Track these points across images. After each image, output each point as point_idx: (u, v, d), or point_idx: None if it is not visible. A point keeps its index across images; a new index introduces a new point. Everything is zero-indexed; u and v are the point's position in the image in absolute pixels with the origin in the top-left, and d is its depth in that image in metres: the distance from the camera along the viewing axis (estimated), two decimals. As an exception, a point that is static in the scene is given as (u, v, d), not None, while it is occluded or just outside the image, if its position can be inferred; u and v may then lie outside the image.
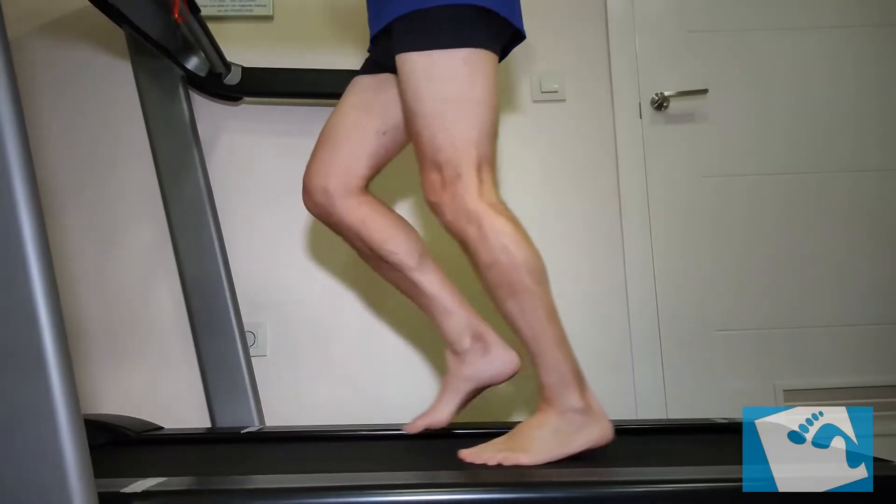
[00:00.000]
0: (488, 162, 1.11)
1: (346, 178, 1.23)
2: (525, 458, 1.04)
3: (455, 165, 1.07)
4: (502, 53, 1.24)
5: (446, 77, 1.07)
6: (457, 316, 1.21)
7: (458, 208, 1.07)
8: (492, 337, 1.21)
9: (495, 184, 1.12)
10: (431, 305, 1.23)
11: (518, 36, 1.22)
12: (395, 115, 1.24)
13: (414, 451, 1.24)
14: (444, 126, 1.07)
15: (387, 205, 1.28)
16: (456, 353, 1.22)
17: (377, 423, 1.62)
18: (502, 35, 1.16)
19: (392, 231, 1.24)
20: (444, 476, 0.98)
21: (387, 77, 1.24)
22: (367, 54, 1.31)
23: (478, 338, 1.21)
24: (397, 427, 1.49)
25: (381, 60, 1.24)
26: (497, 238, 1.05)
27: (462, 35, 1.08)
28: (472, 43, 1.08)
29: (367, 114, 1.25)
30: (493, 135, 1.12)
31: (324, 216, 1.27)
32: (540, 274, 1.08)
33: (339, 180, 1.23)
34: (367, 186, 1.27)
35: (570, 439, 1.06)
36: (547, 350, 1.07)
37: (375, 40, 1.23)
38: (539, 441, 1.06)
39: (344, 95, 1.29)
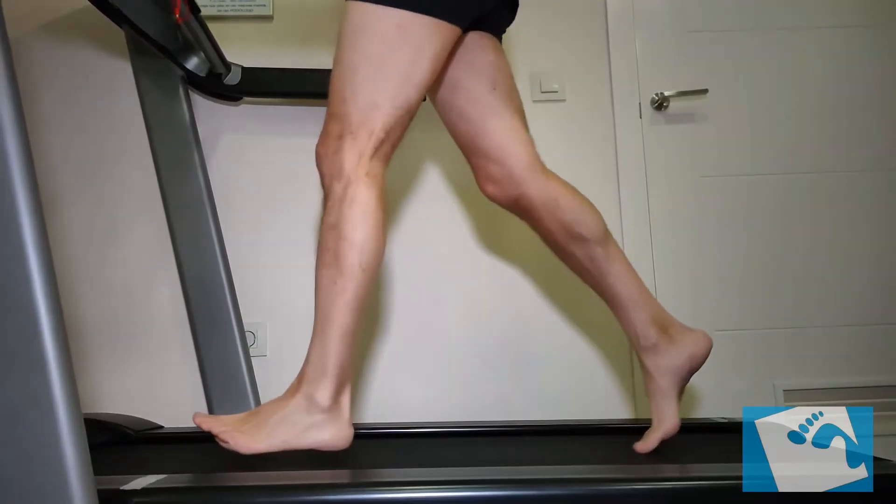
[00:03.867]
0: (390, 139, 1.06)
1: (517, 154, 1.19)
2: (244, 443, 0.99)
3: (351, 122, 1.03)
4: (508, 9, 1.21)
5: (373, 35, 1.03)
6: (641, 308, 1.18)
7: (335, 162, 1.03)
8: (675, 325, 1.18)
9: (387, 160, 1.08)
10: (616, 298, 1.20)
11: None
12: (485, 68, 1.20)
13: (414, 448, 1.24)
14: (355, 82, 1.03)
15: (570, 185, 1.24)
16: (643, 349, 1.18)
17: (376, 422, 1.63)
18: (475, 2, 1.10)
19: (580, 210, 1.19)
20: (442, 473, 0.98)
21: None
22: None
23: (663, 329, 1.17)
24: (395, 425, 1.49)
25: None
26: (351, 206, 1.01)
27: None
28: (416, 6, 1.02)
29: (465, 84, 1.20)
30: (405, 111, 1.06)
31: (512, 201, 1.22)
32: (370, 261, 1.02)
33: (516, 161, 1.18)
34: (538, 155, 1.23)
35: (300, 433, 1.00)
36: (328, 335, 1.01)
37: None
38: (268, 428, 1.00)
39: (444, 103, 1.24)
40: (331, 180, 1.04)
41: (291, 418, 1.01)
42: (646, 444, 1.16)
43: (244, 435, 1.00)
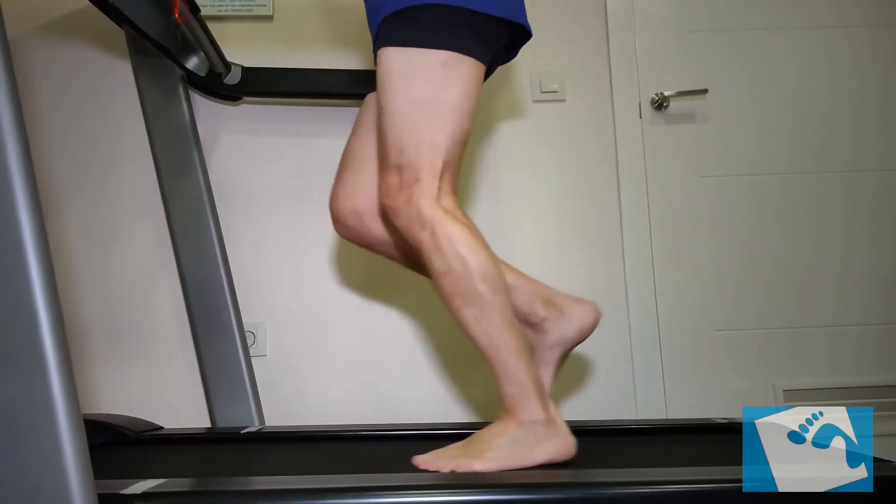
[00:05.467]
0: (451, 169, 1.08)
1: (374, 197, 1.22)
2: (479, 465, 0.99)
3: (416, 169, 1.05)
4: (509, 51, 1.23)
5: (421, 77, 1.05)
6: (521, 290, 1.20)
7: (412, 213, 1.05)
8: (562, 298, 1.20)
9: (454, 191, 1.10)
10: None
11: (522, 33, 1.20)
12: None
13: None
14: (411, 127, 1.05)
15: None
16: (532, 325, 1.20)
17: (377, 424, 1.62)
18: (496, 38, 1.13)
19: None
20: (443, 477, 0.98)
21: None
22: (370, 52, 1.31)
23: (549, 303, 1.20)
24: (397, 427, 1.49)
25: None
26: (451, 245, 1.02)
27: (445, 37, 1.05)
28: (454, 46, 1.05)
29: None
30: (461, 143, 1.09)
31: (358, 238, 1.26)
32: (495, 282, 1.04)
33: (368, 199, 1.22)
34: None
35: (529, 451, 1.02)
36: (506, 360, 1.03)
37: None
38: (496, 449, 1.01)
39: (359, 114, 1.29)
40: (415, 231, 1.05)
41: (516, 439, 1.03)
42: None
43: (475, 458, 1.01)
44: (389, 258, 1.30)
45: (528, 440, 1.02)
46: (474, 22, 1.08)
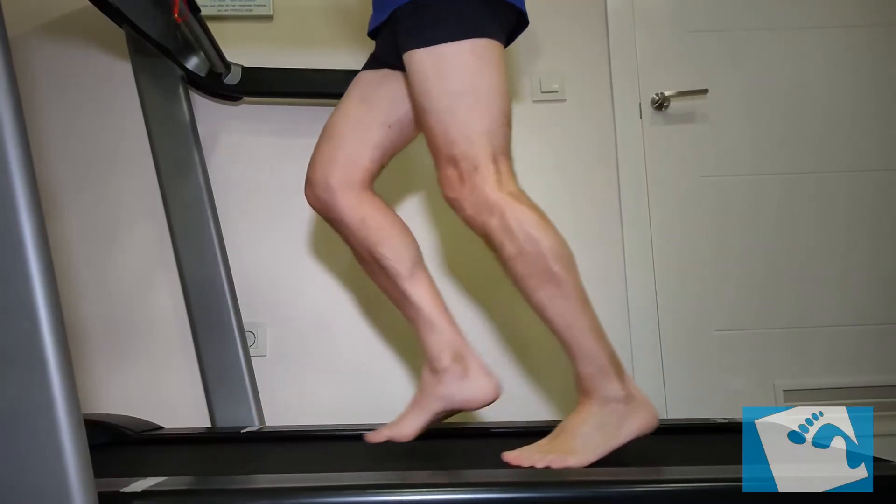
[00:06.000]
0: (504, 152, 1.09)
1: (349, 172, 1.22)
2: (573, 460, 1.00)
3: (471, 158, 1.06)
4: (507, 40, 1.23)
5: (455, 70, 1.06)
6: (440, 332, 1.18)
7: (477, 201, 1.06)
8: (473, 360, 1.17)
9: (513, 173, 1.10)
10: (417, 318, 1.20)
11: (521, 21, 1.21)
12: (399, 108, 1.23)
13: (414, 450, 1.24)
14: (456, 120, 1.06)
15: (390, 207, 1.27)
16: (434, 370, 1.17)
17: (377, 423, 1.62)
18: (506, 22, 1.15)
19: (388, 234, 1.22)
20: (443, 476, 0.98)
21: (390, 72, 1.23)
22: (370, 52, 1.32)
23: (458, 359, 1.16)
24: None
25: (383, 57, 1.24)
26: (521, 227, 1.03)
27: (467, 26, 1.07)
28: (477, 33, 1.07)
29: (371, 107, 1.24)
30: (506, 124, 1.10)
31: (324, 211, 1.25)
32: (568, 261, 1.05)
33: (343, 174, 1.22)
34: (372, 183, 1.26)
35: (615, 431, 1.03)
36: (582, 339, 1.04)
37: (378, 34, 1.23)
38: (585, 438, 1.02)
39: (348, 90, 1.29)
40: (483, 218, 1.06)
41: (601, 422, 1.04)
42: (375, 436, 1.20)
43: (567, 453, 1.01)
44: (346, 242, 1.28)
45: (613, 421, 1.04)
46: (488, 6, 1.09)
